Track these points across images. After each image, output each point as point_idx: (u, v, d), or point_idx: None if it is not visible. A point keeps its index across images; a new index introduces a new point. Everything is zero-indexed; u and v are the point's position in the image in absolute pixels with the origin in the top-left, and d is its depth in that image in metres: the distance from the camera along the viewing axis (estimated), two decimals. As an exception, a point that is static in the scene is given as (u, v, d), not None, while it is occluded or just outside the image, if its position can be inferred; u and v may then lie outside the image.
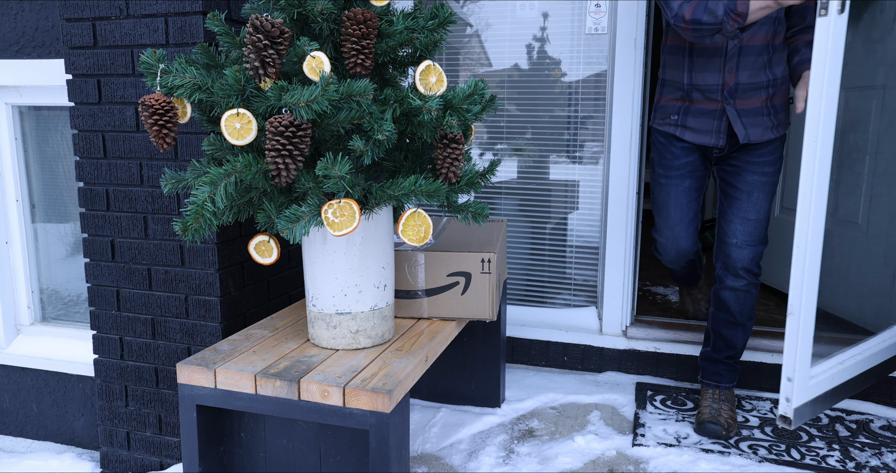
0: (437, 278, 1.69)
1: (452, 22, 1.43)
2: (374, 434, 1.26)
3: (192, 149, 1.80)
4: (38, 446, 2.42)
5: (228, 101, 1.30)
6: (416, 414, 2.19)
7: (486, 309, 1.69)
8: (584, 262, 2.61)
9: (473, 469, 1.85)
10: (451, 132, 1.35)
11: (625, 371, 2.49)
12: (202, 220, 1.26)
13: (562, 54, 2.52)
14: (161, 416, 1.97)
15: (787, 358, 1.68)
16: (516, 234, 2.69)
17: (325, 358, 1.42)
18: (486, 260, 1.66)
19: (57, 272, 2.49)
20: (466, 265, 1.67)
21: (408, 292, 1.71)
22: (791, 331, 1.66)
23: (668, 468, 1.82)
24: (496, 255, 1.68)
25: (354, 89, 1.24)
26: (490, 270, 1.66)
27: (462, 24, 2.61)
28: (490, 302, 1.68)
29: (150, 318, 1.92)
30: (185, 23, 1.73)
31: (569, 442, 1.97)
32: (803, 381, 1.71)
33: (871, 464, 1.83)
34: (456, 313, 1.70)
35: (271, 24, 1.20)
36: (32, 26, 2.21)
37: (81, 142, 1.91)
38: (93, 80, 1.86)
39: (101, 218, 1.93)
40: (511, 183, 2.66)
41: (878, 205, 2.43)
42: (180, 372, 1.39)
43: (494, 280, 1.68)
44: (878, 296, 2.41)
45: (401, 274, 1.70)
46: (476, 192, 1.62)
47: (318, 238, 1.42)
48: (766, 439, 1.98)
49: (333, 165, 1.23)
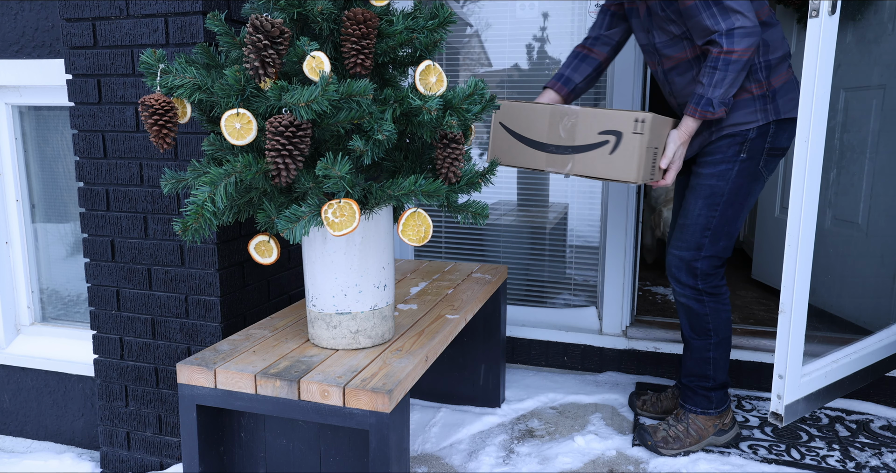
0: (589, 135, 1.68)
1: (452, 22, 1.43)
2: (374, 434, 1.26)
3: (192, 149, 1.80)
4: (38, 446, 2.42)
5: (228, 101, 1.30)
6: (416, 414, 2.19)
7: (633, 172, 1.64)
8: (584, 262, 2.61)
9: (473, 469, 1.85)
10: (451, 132, 1.35)
11: (625, 371, 2.49)
12: (202, 220, 1.26)
13: (562, 54, 2.52)
14: (161, 416, 1.97)
15: (778, 356, 1.70)
16: (516, 234, 2.69)
17: (325, 358, 1.42)
18: (640, 121, 1.62)
19: (57, 272, 2.49)
20: (620, 124, 1.63)
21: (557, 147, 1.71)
22: (782, 329, 1.67)
23: (668, 468, 1.82)
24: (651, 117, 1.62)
25: (354, 89, 1.24)
26: (642, 131, 1.62)
27: (462, 24, 2.61)
28: (637, 165, 1.63)
29: (150, 318, 1.92)
30: (185, 23, 1.73)
31: (569, 442, 1.97)
32: (795, 378, 1.72)
33: (871, 464, 1.83)
34: (601, 172, 1.67)
35: (271, 24, 1.20)
36: (32, 26, 2.21)
37: (81, 142, 1.91)
38: (93, 80, 1.86)
39: (101, 218, 1.93)
40: (510, 183, 2.66)
41: (877, 205, 2.43)
42: (180, 372, 1.39)
43: (646, 143, 1.63)
44: (876, 296, 2.42)
45: (551, 129, 1.70)
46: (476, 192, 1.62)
47: (318, 238, 1.42)
48: (766, 439, 1.98)
49: (333, 165, 1.23)
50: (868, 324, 2.46)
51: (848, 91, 2.59)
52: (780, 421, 1.72)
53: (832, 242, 2.69)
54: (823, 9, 1.53)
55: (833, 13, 1.54)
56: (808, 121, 1.58)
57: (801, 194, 1.61)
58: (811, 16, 1.54)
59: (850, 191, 2.59)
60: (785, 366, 1.69)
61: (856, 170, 2.55)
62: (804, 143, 1.59)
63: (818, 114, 1.59)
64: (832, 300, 2.67)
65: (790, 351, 1.68)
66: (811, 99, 1.57)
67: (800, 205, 1.61)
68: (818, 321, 2.60)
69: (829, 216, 2.72)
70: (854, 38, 2.56)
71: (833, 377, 1.87)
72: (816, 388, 1.82)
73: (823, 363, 1.86)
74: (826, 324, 2.56)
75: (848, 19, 2.58)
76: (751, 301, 3.11)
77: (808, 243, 1.65)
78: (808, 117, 1.58)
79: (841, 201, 2.64)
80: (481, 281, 2.06)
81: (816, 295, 2.76)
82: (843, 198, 2.63)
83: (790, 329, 1.67)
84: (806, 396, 1.79)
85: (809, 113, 1.58)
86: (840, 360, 1.90)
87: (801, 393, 1.77)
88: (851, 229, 2.58)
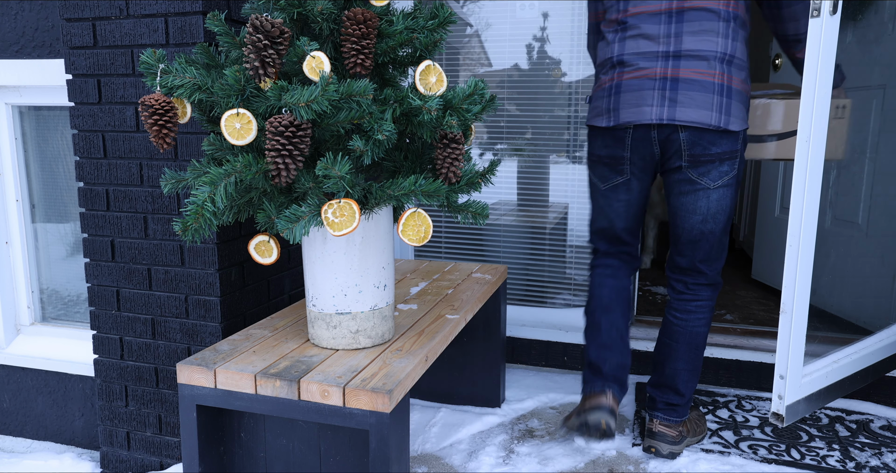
0: (791, 123, 1.80)
1: (452, 22, 1.43)
2: (374, 434, 1.26)
3: (192, 149, 1.80)
4: (38, 446, 2.42)
5: (228, 101, 1.30)
6: (416, 414, 2.19)
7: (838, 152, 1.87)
8: (584, 262, 2.61)
9: (473, 469, 1.85)
10: (451, 132, 1.35)
11: (625, 371, 2.49)
12: (202, 220, 1.26)
13: (562, 54, 2.52)
14: (161, 416, 1.97)
15: (779, 356, 1.70)
16: (516, 234, 2.69)
17: (325, 357, 1.42)
18: (842, 107, 1.80)
19: (57, 272, 2.49)
20: None
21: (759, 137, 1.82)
22: (783, 329, 1.68)
23: (668, 468, 1.82)
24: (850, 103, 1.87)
25: (354, 89, 1.24)
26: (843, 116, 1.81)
27: (462, 24, 2.61)
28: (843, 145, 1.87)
29: (150, 318, 1.92)
30: (185, 23, 1.73)
31: (569, 442, 1.97)
32: (796, 379, 1.72)
33: (871, 464, 1.83)
34: None
35: (271, 24, 1.20)
36: (32, 26, 2.21)
37: (81, 142, 1.91)
38: (93, 80, 1.86)
39: (101, 218, 1.93)
40: (510, 183, 2.66)
41: (878, 205, 2.43)
42: (180, 372, 1.39)
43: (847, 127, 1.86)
44: (876, 296, 2.42)
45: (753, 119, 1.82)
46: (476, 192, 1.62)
47: (318, 238, 1.42)
48: (767, 439, 1.98)
49: (333, 165, 1.23)
50: (868, 324, 2.46)
51: (848, 91, 2.59)
52: (781, 422, 1.72)
53: (832, 242, 2.69)
54: (824, 9, 1.53)
55: (834, 13, 1.54)
56: (808, 120, 1.58)
57: (801, 194, 1.61)
58: (812, 16, 1.54)
59: (850, 191, 2.59)
60: (786, 367, 1.69)
61: (856, 170, 2.55)
62: (805, 143, 1.59)
63: (819, 114, 1.59)
64: (832, 300, 2.67)
65: (791, 352, 1.69)
66: (812, 98, 1.57)
67: (800, 206, 1.61)
68: (818, 321, 2.60)
69: (830, 216, 2.72)
70: (854, 38, 2.56)
71: (833, 377, 1.87)
72: (817, 388, 1.82)
73: (824, 363, 1.87)
74: (826, 324, 2.56)
75: (848, 19, 2.58)
76: (751, 301, 3.11)
77: (809, 243, 1.65)
78: (809, 117, 1.58)
79: (841, 201, 2.64)
80: (481, 281, 2.06)
81: (817, 296, 2.76)
82: (843, 198, 2.63)
83: (791, 329, 1.67)
84: (807, 396, 1.79)
85: (810, 113, 1.58)
86: (840, 360, 1.90)
87: (801, 394, 1.77)
88: (851, 229, 2.58)
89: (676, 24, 1.61)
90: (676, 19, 1.61)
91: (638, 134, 1.68)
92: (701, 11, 1.59)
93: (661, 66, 1.62)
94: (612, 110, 1.69)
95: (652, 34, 1.63)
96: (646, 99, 1.63)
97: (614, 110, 1.68)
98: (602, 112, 1.73)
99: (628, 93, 1.66)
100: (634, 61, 1.65)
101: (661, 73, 1.62)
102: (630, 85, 1.66)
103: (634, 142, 1.69)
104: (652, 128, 1.66)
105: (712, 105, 1.60)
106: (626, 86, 1.66)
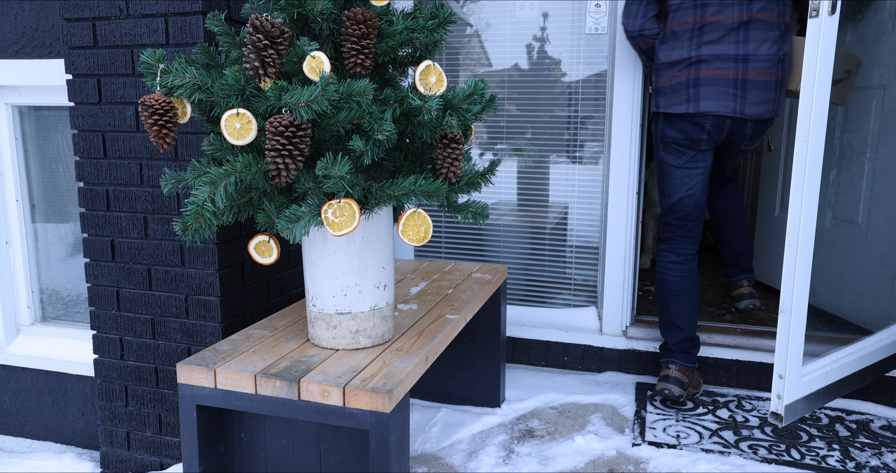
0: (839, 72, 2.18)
1: (452, 22, 1.43)
2: (374, 434, 1.26)
3: (192, 149, 1.80)
4: (38, 446, 2.42)
5: (228, 101, 1.30)
6: (416, 414, 2.19)
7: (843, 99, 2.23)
8: (584, 262, 2.61)
9: (473, 469, 1.85)
10: (451, 132, 1.35)
11: (625, 371, 2.49)
12: (202, 220, 1.26)
13: (562, 54, 2.52)
14: (161, 416, 1.97)
15: (778, 356, 1.70)
16: (516, 234, 2.69)
17: (325, 357, 1.42)
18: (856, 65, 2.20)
19: (57, 272, 2.49)
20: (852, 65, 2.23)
21: None
22: (782, 329, 1.68)
23: (668, 468, 1.82)
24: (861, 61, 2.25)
25: (354, 89, 1.24)
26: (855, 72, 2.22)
27: (462, 24, 2.61)
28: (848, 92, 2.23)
29: (150, 318, 1.92)
30: (185, 23, 1.73)
31: (569, 442, 1.97)
32: (795, 378, 1.72)
33: (871, 464, 1.83)
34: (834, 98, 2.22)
35: (271, 24, 1.20)
36: (32, 26, 2.21)
37: (81, 142, 1.91)
38: (93, 80, 1.86)
39: (101, 218, 1.93)
40: (510, 183, 2.66)
41: (877, 205, 2.43)
42: (180, 372, 1.39)
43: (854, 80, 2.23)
44: (876, 296, 2.42)
45: None
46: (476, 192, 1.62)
47: (318, 238, 1.42)
48: (767, 439, 1.98)
49: (333, 165, 1.23)
50: (868, 324, 2.46)
51: (848, 91, 2.58)
52: (780, 421, 1.72)
53: (832, 242, 2.69)
54: (823, 9, 1.53)
55: (833, 13, 1.54)
56: (808, 120, 1.58)
57: (800, 194, 1.61)
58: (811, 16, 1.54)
59: (850, 191, 2.59)
60: (785, 366, 1.69)
61: (856, 170, 2.55)
62: (804, 143, 1.59)
63: (818, 113, 1.59)
64: (832, 300, 2.67)
65: (790, 351, 1.69)
66: (811, 98, 1.57)
67: (800, 205, 1.61)
68: (818, 321, 2.60)
69: (829, 216, 2.72)
70: (854, 38, 2.56)
71: (833, 377, 1.87)
72: (816, 388, 1.82)
73: (823, 363, 1.87)
74: (826, 324, 2.56)
75: (848, 19, 2.58)
76: (751, 301, 3.10)
77: (809, 243, 1.65)
78: (809, 117, 1.58)
79: (841, 201, 2.64)
80: (481, 281, 2.06)
81: (816, 295, 2.76)
82: (843, 198, 2.63)
83: (790, 329, 1.67)
84: (806, 396, 1.79)
85: (809, 112, 1.58)
86: (840, 360, 1.90)
87: (801, 393, 1.77)
88: (851, 229, 2.58)
89: (744, 32, 1.99)
90: (744, 28, 1.98)
91: (716, 122, 2.06)
92: (763, 22, 1.98)
93: (733, 67, 1.99)
94: (692, 100, 2.05)
95: (726, 39, 2.00)
96: (722, 94, 2.02)
97: (694, 100, 2.05)
98: (682, 101, 2.07)
99: (706, 87, 2.02)
100: (712, 61, 2.01)
101: (734, 74, 2.00)
102: (708, 81, 2.02)
103: (712, 127, 2.08)
104: (726, 118, 2.06)
105: (770, 100, 2.03)
106: (704, 81, 2.02)
